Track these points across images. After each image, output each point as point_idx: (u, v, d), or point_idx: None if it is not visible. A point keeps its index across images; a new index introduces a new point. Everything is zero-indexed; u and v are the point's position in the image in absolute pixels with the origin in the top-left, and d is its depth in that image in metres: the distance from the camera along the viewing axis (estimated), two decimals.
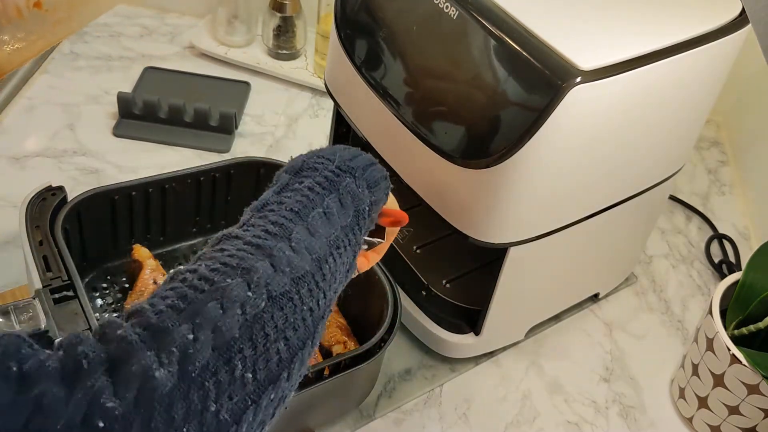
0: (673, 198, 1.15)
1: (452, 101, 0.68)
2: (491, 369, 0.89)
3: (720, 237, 1.10)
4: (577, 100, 0.61)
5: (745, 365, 0.74)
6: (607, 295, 0.99)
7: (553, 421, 0.84)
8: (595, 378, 0.89)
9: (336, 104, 0.86)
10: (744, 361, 0.74)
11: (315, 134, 1.16)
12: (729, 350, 0.75)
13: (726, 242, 1.09)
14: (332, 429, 0.80)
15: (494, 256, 0.77)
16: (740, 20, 0.72)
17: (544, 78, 0.61)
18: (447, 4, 0.67)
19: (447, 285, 0.86)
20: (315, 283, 0.49)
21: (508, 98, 0.64)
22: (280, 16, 1.22)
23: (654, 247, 1.08)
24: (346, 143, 0.87)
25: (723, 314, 0.81)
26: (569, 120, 0.63)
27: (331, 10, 0.84)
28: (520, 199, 0.69)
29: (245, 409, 0.42)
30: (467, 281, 0.87)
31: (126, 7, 1.35)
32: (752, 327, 0.79)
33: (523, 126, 0.63)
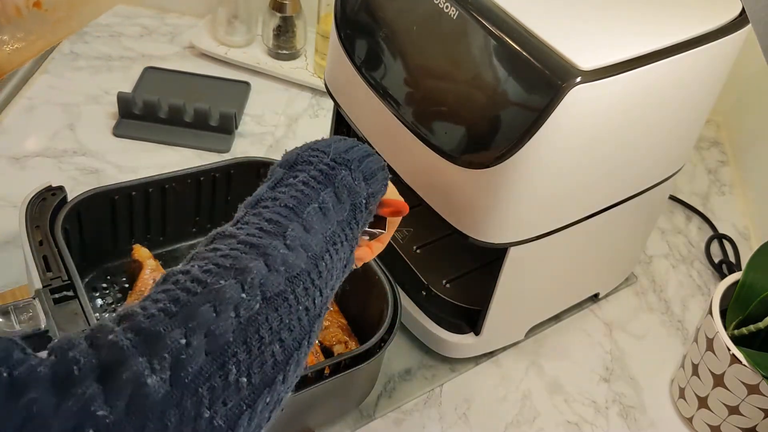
0: (673, 198, 1.15)
1: (452, 101, 0.68)
2: (491, 369, 0.89)
3: (720, 237, 1.10)
4: (577, 100, 0.61)
5: (745, 365, 0.74)
6: (607, 295, 0.99)
7: (553, 421, 0.84)
8: (595, 378, 0.89)
9: (336, 104, 0.86)
10: (744, 361, 0.74)
11: (315, 134, 1.14)
12: (729, 350, 0.76)
13: (726, 242, 1.09)
14: (332, 429, 0.80)
15: (494, 256, 0.77)
16: (740, 20, 0.72)
17: (544, 78, 0.61)
18: (447, 4, 0.67)
19: (447, 285, 0.86)
20: (311, 281, 0.47)
21: (508, 98, 0.64)
22: (280, 16, 1.22)
23: (654, 247, 1.08)
24: None
25: (723, 314, 0.81)
26: (569, 120, 0.63)
27: (331, 10, 0.84)
28: (520, 199, 0.69)
29: (240, 415, 0.41)
30: (467, 281, 0.87)
31: (126, 7, 1.35)
32: (752, 327, 0.79)
33: (523, 126, 0.63)
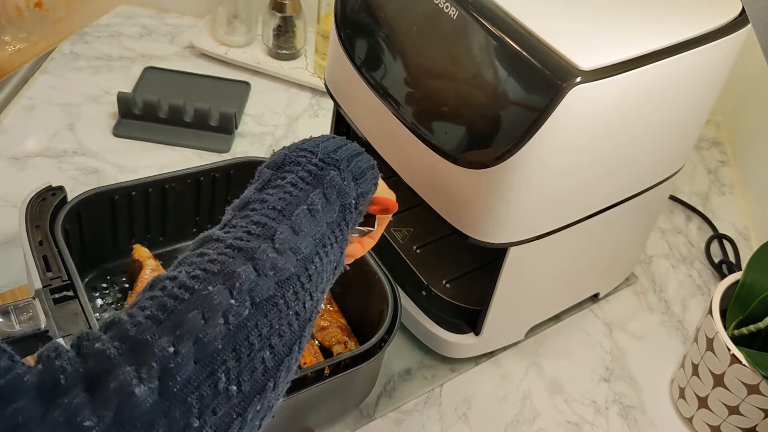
0: (673, 198, 1.15)
1: (452, 101, 0.68)
2: (491, 369, 0.89)
3: (720, 237, 1.10)
4: (577, 100, 0.61)
5: (745, 365, 0.74)
6: (607, 295, 0.99)
7: (553, 421, 0.84)
8: (595, 378, 0.89)
9: (336, 104, 0.86)
10: (744, 361, 0.74)
11: (315, 134, 1.15)
12: (729, 350, 0.75)
13: (726, 242, 1.09)
14: (332, 429, 0.80)
15: (494, 256, 0.77)
16: (740, 20, 0.72)
17: (544, 78, 0.61)
18: (447, 4, 0.67)
19: (447, 285, 0.86)
20: (301, 285, 0.46)
21: (508, 98, 0.64)
22: (280, 16, 1.22)
23: (654, 247, 1.08)
24: None
25: (723, 314, 0.81)
26: (569, 120, 0.63)
27: (331, 10, 0.84)
28: (520, 199, 0.69)
29: (230, 423, 0.40)
30: (467, 281, 0.87)
31: (126, 7, 1.35)
32: (752, 327, 0.79)
33: (523, 126, 0.63)
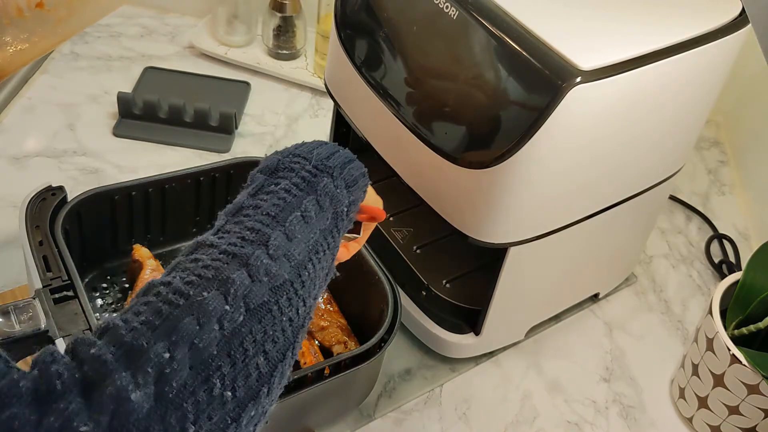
0: (673, 198, 1.15)
1: (452, 101, 0.68)
2: (491, 369, 0.89)
3: (720, 237, 1.10)
4: (577, 100, 0.61)
5: (745, 365, 0.74)
6: (607, 295, 0.99)
7: (553, 421, 0.84)
8: (595, 378, 0.89)
9: (336, 104, 0.86)
10: (744, 361, 0.74)
11: (315, 134, 1.15)
12: (729, 350, 0.75)
13: (726, 242, 1.09)
14: (332, 429, 0.80)
15: (494, 256, 0.77)
16: (740, 20, 0.72)
17: (544, 78, 0.61)
18: (447, 4, 0.67)
19: (447, 285, 0.86)
20: (294, 291, 0.47)
21: (508, 98, 0.64)
22: (280, 16, 1.22)
23: (654, 247, 1.08)
24: (346, 143, 0.88)
25: (723, 314, 0.81)
26: (569, 120, 0.63)
27: (331, 10, 0.84)
28: (520, 199, 0.69)
29: (225, 429, 0.41)
30: (467, 281, 0.87)
31: (126, 7, 1.35)
32: (752, 327, 0.79)
33: (523, 126, 0.63)
